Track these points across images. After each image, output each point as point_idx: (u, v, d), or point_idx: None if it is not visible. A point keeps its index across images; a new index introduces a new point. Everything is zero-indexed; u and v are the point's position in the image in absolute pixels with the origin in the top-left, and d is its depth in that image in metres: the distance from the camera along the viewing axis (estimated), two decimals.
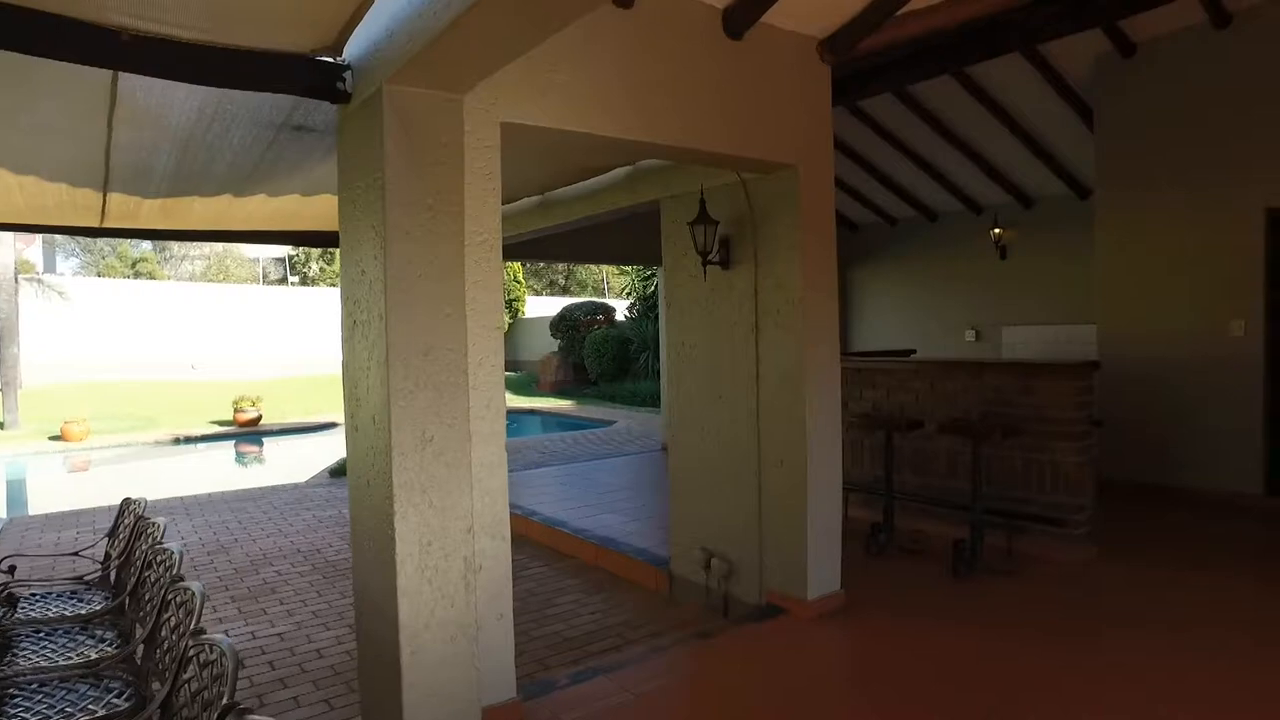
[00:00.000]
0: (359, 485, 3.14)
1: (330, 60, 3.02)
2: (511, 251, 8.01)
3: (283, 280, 40.00)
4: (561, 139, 3.56)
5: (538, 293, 35.35)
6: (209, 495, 8.77)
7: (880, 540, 5.43)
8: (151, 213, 4.86)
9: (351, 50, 3.00)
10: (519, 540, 6.57)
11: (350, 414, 3.18)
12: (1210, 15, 6.44)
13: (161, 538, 3.35)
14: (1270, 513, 6.28)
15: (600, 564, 5.87)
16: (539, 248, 8.35)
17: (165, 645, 2.57)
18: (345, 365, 3.22)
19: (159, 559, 3.09)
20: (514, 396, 20.88)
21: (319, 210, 5.39)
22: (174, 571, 2.88)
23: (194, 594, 2.53)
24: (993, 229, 10.13)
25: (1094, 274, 7.86)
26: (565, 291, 38.25)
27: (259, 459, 14.69)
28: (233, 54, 2.82)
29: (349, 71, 3.04)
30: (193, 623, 2.41)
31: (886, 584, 4.91)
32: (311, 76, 2.99)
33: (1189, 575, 4.82)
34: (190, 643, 2.22)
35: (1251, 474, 6.50)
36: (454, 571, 2.96)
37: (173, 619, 2.59)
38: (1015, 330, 10.17)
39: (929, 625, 4.23)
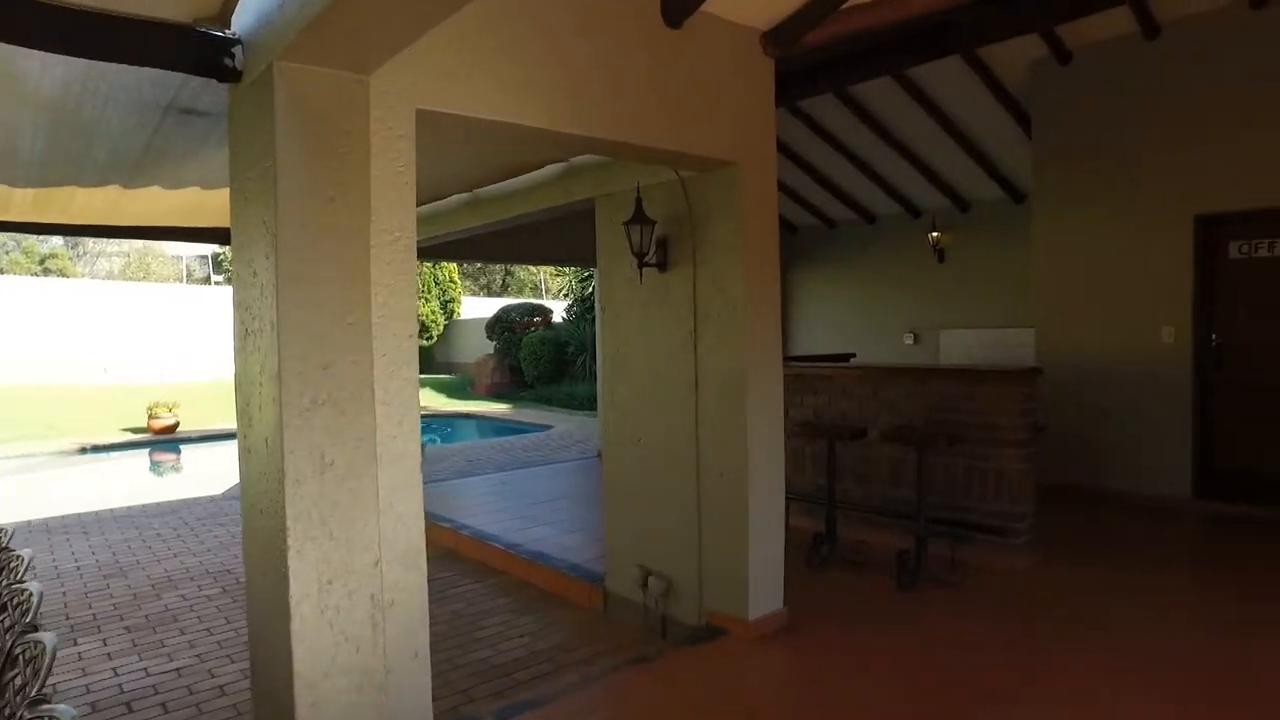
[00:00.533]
0: (251, 514, 2.79)
1: (217, 33, 2.67)
2: (440, 251, 7.66)
3: (207, 280, 38.42)
4: (488, 130, 3.27)
5: (475, 293, 34.64)
6: (113, 511, 8.14)
7: (823, 552, 5.26)
8: (24, 203, 4.37)
9: (241, 21, 2.65)
10: (446, 557, 6.24)
11: (242, 434, 2.83)
12: (1141, 26, 6.47)
13: (23, 574, 2.93)
14: (1198, 515, 6.34)
15: (532, 580, 5.56)
16: (469, 248, 7.99)
17: (6, 711, 2.19)
18: (237, 379, 2.86)
19: (14, 601, 2.68)
20: (449, 400, 20.36)
21: (223, 204, 4.95)
22: (29, 618, 2.49)
23: (45, 649, 2.16)
24: (930, 232, 10.15)
25: (1031, 279, 7.89)
26: (504, 292, 37.59)
27: (175, 469, 13.89)
28: (100, 19, 2.44)
29: (239, 46, 2.69)
30: (37, 686, 2.04)
31: (830, 599, 4.73)
32: (194, 50, 2.64)
33: (1129, 580, 4.77)
34: (27, 715, 1.87)
35: (1180, 478, 6.55)
36: (359, 611, 2.64)
37: (18, 678, 2.21)
38: (953, 334, 10.21)
39: (875, 644, 4.06)
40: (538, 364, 20.35)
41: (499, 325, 22.31)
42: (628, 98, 3.51)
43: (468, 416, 17.75)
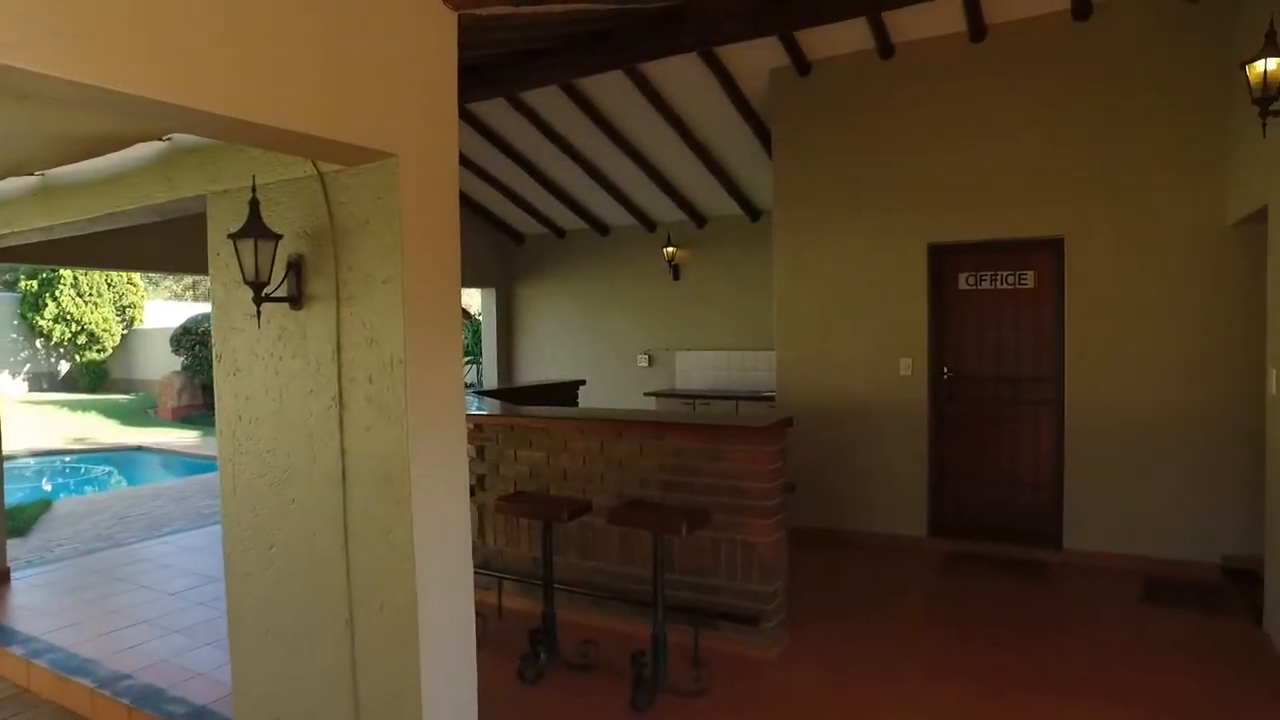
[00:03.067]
0: None
1: None
2: (6, 255, 5.56)
3: None
4: (33, 86, 1.75)
5: (163, 297, 29.37)
6: None
7: (540, 662, 4.12)
8: None
9: None
10: (11, 700, 4.29)
11: None
12: (877, 43, 6.12)
13: None
14: (936, 556, 6.09)
15: None
16: (47, 251, 5.85)
17: None
18: None
19: None
20: (121, 428, 16.81)
21: None
22: None
23: None
24: (666, 247, 9.51)
25: (771, 301, 7.41)
26: (197, 295, 31.73)
27: None
28: None
29: None
30: None
31: None
32: None
33: (882, 652, 4.16)
34: None
35: (917, 517, 6.29)
36: None
37: None
38: (689, 355, 9.65)
39: None
40: None
41: (188, 337, 18.87)
42: (244, 57, 2.12)
43: (140, 449, 14.62)
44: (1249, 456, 5.33)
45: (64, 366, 21.88)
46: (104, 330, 21.32)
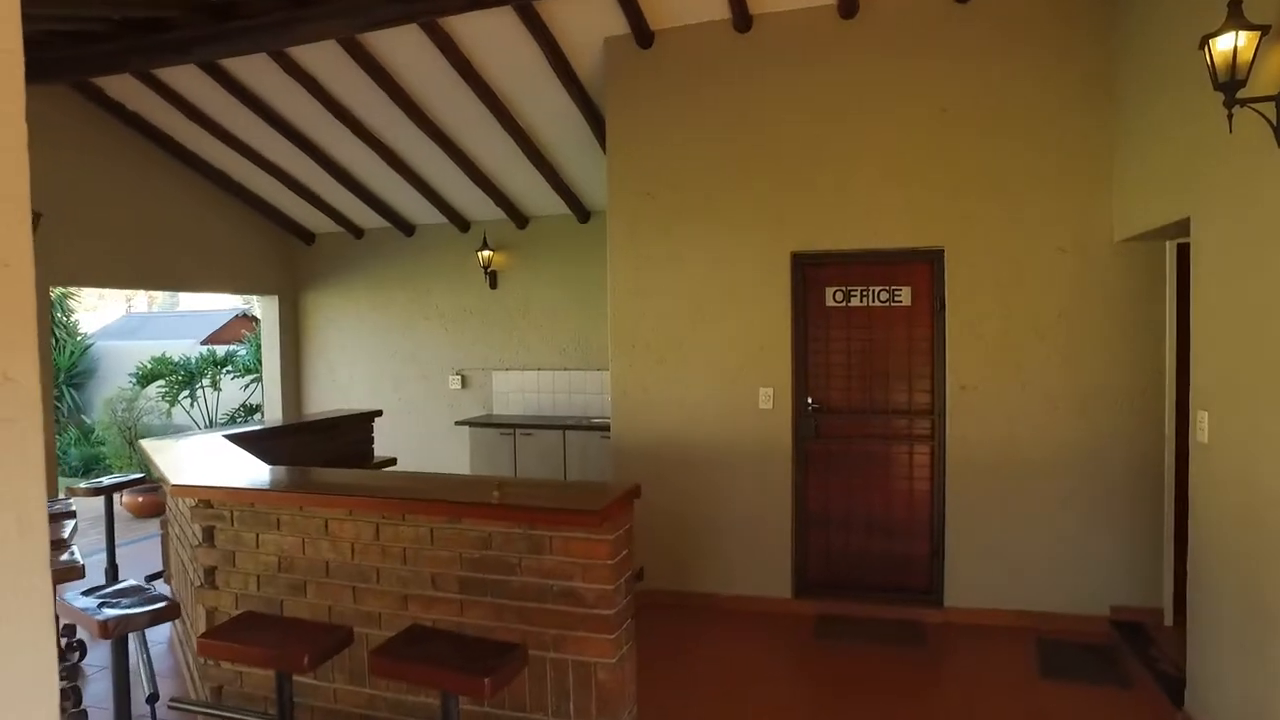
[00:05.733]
0: None
1: None
2: None
3: None
4: None
5: None
6: None
7: None
8: None
9: None
10: None
11: None
12: (733, 13, 5.11)
13: None
14: (800, 620, 5.14)
15: None
16: None
17: None
18: None
19: None
20: None
21: None
22: None
23: None
24: (481, 250, 8.14)
25: (604, 316, 6.26)
26: None
27: None
28: None
29: None
30: None
31: None
32: None
33: None
34: None
35: (780, 575, 5.33)
36: None
37: None
38: (508, 376, 8.32)
39: None
40: None
41: None
42: None
43: None
44: (1139, 498, 4.77)
45: None
46: None
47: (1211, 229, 3.54)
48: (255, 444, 5.08)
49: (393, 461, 6.79)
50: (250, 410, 10.72)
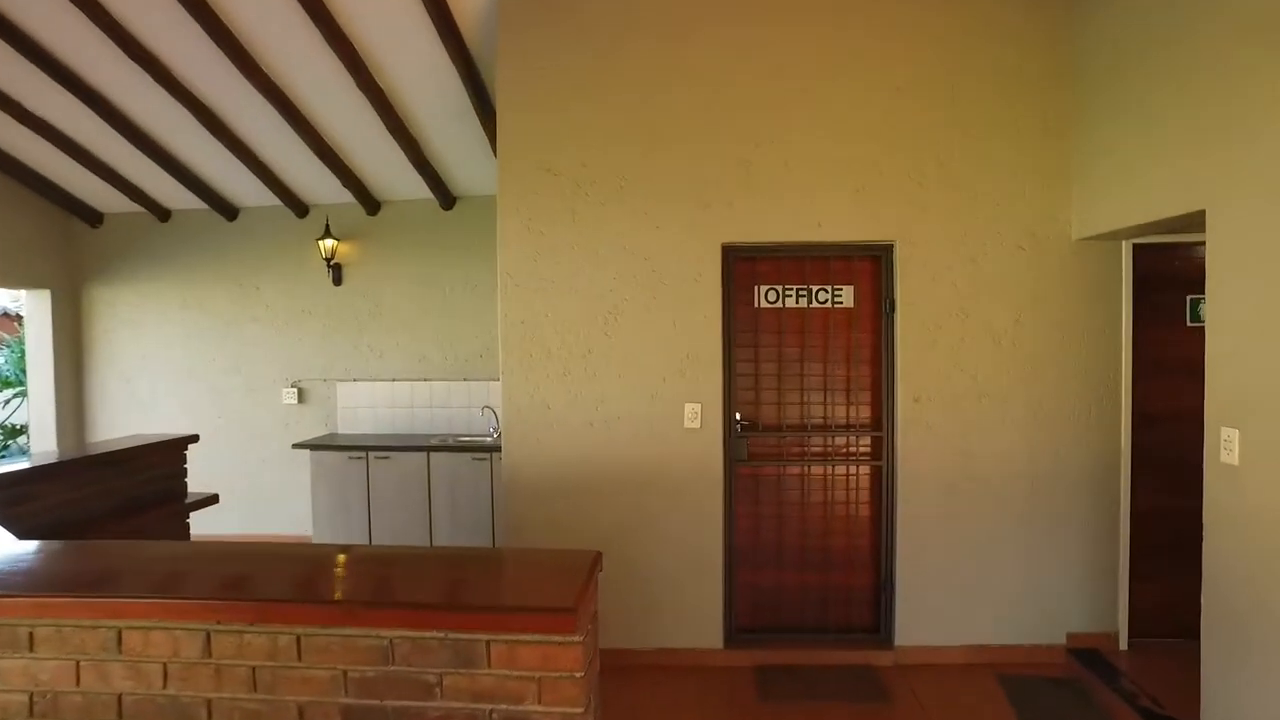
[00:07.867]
0: None
1: None
2: None
3: None
4: None
5: None
6: None
7: None
8: None
9: None
10: None
11: None
12: None
13: None
14: (735, 674, 4.40)
15: None
16: None
17: None
18: None
19: None
20: None
21: None
22: None
23: None
24: (322, 239, 6.84)
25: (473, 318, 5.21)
26: None
27: None
28: None
29: None
30: None
31: None
32: None
33: None
34: None
35: (711, 622, 4.55)
36: None
37: None
38: (356, 388, 7.05)
39: None
40: None
41: None
42: None
43: None
44: (1093, 517, 4.40)
45: None
46: None
47: (1234, 221, 3.10)
48: (7, 490, 3.66)
49: (214, 499, 5.39)
50: (11, 433, 8.61)
